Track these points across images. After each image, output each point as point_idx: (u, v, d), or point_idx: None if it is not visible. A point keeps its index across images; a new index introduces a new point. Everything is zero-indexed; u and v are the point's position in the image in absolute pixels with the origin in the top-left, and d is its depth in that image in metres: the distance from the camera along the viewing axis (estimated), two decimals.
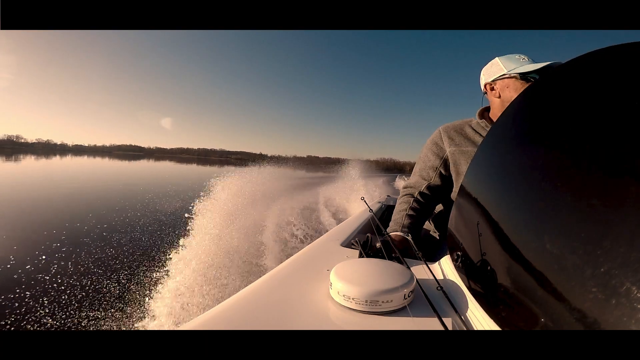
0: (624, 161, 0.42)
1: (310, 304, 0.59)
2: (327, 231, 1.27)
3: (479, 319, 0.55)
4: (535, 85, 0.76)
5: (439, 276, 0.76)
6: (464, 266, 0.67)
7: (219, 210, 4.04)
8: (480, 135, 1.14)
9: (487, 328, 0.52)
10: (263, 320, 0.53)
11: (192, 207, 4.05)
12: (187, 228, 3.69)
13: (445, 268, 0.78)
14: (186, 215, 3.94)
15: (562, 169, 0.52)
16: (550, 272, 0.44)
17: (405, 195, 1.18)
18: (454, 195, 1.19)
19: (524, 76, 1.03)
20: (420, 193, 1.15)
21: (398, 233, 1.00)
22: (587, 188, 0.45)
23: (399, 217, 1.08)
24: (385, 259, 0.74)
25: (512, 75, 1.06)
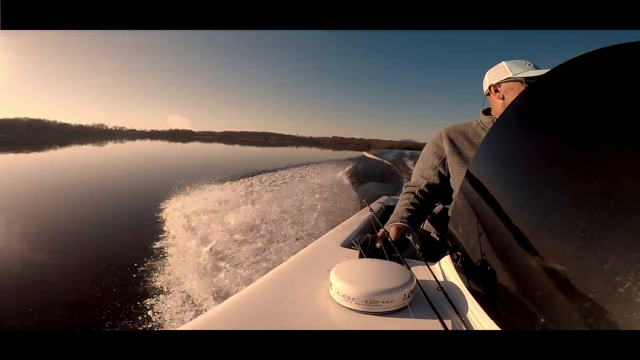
0: (624, 161, 0.42)
1: (310, 304, 0.59)
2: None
3: (479, 319, 0.55)
4: (535, 86, 0.76)
5: (439, 276, 0.76)
6: (464, 266, 0.67)
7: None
8: (481, 135, 1.15)
9: (487, 328, 0.52)
10: (263, 320, 0.53)
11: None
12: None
13: (446, 268, 0.78)
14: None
15: (563, 169, 0.52)
16: (550, 272, 0.44)
17: (406, 192, 1.20)
18: (454, 195, 1.19)
19: (528, 81, 1.07)
20: (420, 191, 1.17)
21: (397, 224, 1.00)
22: (587, 188, 0.45)
23: (399, 210, 1.11)
24: (385, 259, 0.74)
25: (518, 79, 1.09)
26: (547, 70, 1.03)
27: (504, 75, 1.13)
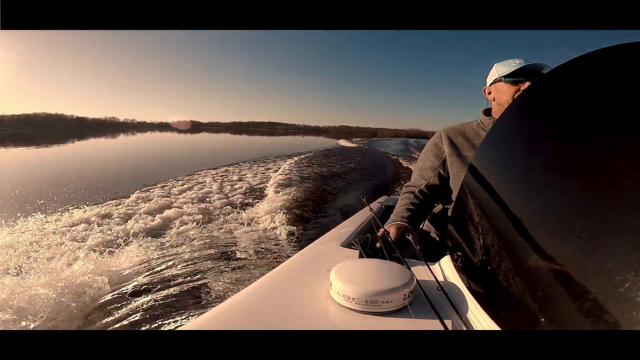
0: (624, 161, 0.42)
1: (310, 304, 0.59)
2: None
3: (479, 319, 0.55)
4: (535, 86, 0.76)
5: (440, 276, 0.76)
6: (464, 266, 0.67)
7: None
8: (481, 135, 1.16)
9: (487, 328, 0.52)
10: (263, 320, 0.53)
11: None
12: None
13: (446, 268, 0.78)
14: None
15: (562, 169, 0.52)
16: (550, 272, 0.44)
17: (406, 193, 1.21)
18: (454, 196, 1.20)
19: (509, 78, 1.10)
20: (420, 191, 1.18)
21: (397, 223, 1.01)
22: (587, 188, 0.45)
23: (399, 209, 1.12)
24: (385, 259, 0.74)
25: (499, 79, 1.13)
26: (523, 64, 1.06)
27: (493, 77, 1.17)
